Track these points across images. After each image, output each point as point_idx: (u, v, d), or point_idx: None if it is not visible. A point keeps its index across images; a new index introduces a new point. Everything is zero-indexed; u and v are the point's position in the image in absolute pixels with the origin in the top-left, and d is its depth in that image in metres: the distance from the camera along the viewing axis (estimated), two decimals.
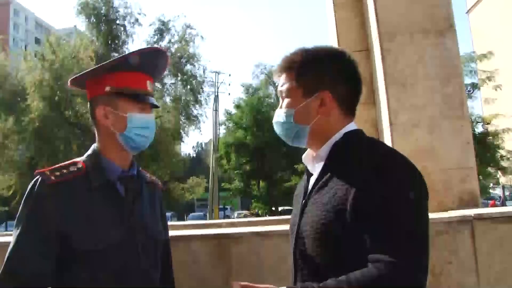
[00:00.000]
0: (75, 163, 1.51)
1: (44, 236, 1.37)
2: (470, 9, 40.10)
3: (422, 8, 3.03)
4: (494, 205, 20.91)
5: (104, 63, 1.54)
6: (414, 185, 1.17)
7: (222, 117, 31.31)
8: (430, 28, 2.99)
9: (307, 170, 1.42)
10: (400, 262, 1.05)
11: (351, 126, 1.35)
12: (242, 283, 1.09)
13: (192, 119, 22.98)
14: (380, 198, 1.12)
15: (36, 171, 1.47)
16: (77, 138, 19.49)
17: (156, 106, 1.60)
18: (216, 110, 31.29)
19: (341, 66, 1.35)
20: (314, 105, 1.32)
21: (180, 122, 22.46)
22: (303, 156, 1.43)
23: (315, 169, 1.36)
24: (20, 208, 1.42)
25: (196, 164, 43.98)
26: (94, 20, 21.06)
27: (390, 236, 1.09)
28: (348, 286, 1.06)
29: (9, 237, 2.62)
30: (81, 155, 1.58)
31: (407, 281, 1.05)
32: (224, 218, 29.66)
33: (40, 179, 1.43)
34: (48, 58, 18.55)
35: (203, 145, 58.75)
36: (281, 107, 1.39)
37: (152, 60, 1.60)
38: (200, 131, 32.35)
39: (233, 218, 27.62)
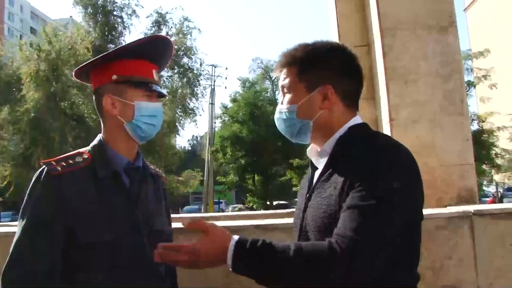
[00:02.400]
0: (80, 154, 1.49)
1: (50, 229, 1.34)
2: (467, 7, 40.15)
3: (424, 3, 3.02)
4: (493, 203, 21.02)
5: (110, 51, 1.52)
6: (397, 180, 1.13)
7: (218, 111, 31.30)
8: (432, 24, 2.99)
9: (312, 164, 1.42)
10: (341, 243, 1.07)
11: (356, 120, 1.35)
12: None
13: (188, 112, 22.87)
14: (359, 189, 1.13)
15: (42, 161, 1.45)
16: (72, 129, 19.32)
17: (163, 95, 1.59)
18: (212, 103, 31.25)
19: (342, 60, 1.35)
20: (317, 100, 1.32)
21: (176, 115, 22.36)
22: (308, 149, 1.43)
23: (320, 163, 1.36)
24: (25, 198, 1.39)
25: (191, 158, 43.92)
26: (91, 11, 20.85)
27: (349, 221, 1.11)
28: (294, 253, 1.10)
29: (4, 228, 2.61)
30: (76, 146, 1.56)
31: (338, 261, 1.06)
32: (219, 212, 29.67)
33: (46, 169, 1.40)
34: (44, 48, 18.37)
35: (198, 138, 58.69)
36: (282, 103, 1.38)
37: (158, 49, 1.58)
38: (196, 124, 32.29)
39: (228, 211, 27.61)
